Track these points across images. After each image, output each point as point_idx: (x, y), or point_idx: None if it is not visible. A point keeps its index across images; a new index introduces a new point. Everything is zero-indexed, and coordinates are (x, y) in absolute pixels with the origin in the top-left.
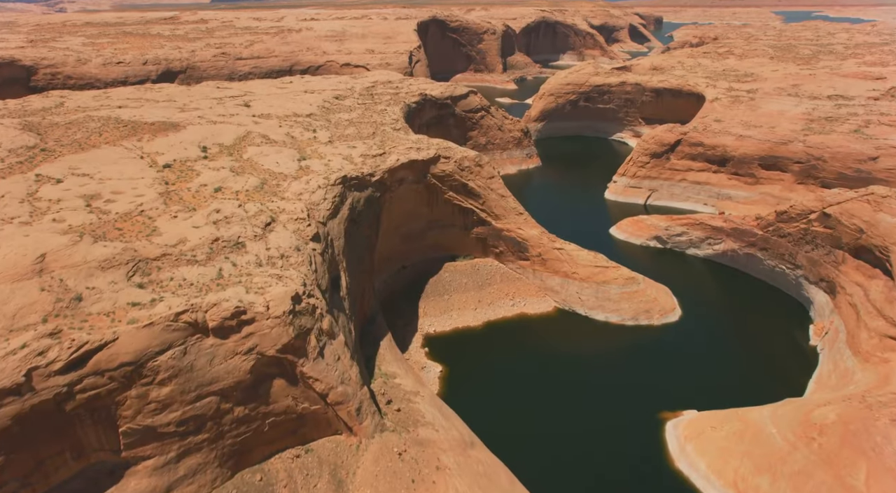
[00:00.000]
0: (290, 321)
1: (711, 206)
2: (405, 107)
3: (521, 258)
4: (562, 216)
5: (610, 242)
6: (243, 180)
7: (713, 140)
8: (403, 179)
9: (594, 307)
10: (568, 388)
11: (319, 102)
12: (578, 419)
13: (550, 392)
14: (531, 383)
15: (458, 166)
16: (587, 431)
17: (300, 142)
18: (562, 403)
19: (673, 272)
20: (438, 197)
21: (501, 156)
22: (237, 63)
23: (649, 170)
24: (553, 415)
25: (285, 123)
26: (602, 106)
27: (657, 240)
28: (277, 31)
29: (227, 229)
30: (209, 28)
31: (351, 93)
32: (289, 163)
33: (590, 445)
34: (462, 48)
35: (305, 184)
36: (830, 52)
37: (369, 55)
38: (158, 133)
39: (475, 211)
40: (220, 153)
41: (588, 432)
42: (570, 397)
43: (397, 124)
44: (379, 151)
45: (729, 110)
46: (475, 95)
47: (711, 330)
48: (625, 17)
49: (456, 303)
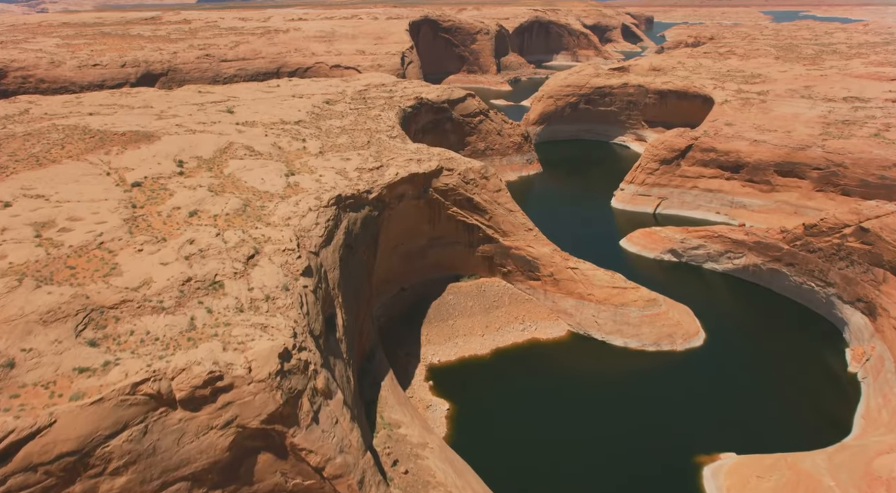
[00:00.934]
0: (277, 385)
1: (724, 214)
2: (400, 112)
3: (532, 278)
4: (567, 227)
5: (620, 256)
6: (223, 202)
7: (726, 145)
8: (403, 195)
9: (612, 332)
10: (588, 426)
11: (308, 108)
12: (603, 464)
13: (568, 432)
14: (546, 422)
15: (462, 179)
16: (614, 477)
17: (288, 153)
18: (582, 444)
19: (691, 289)
20: (441, 213)
21: (501, 162)
22: (222, 65)
23: (658, 177)
24: (573, 459)
25: (272, 132)
26: (603, 108)
27: (672, 253)
28: (264, 32)
29: (202, 266)
30: (192, 29)
31: (342, 97)
32: (275, 179)
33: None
34: (455, 49)
35: (294, 206)
36: (834, 51)
37: (360, 56)
38: (129, 145)
39: (481, 227)
40: (197, 168)
41: (615, 478)
42: (593, 437)
43: (393, 132)
44: (375, 163)
45: (740, 113)
46: (473, 98)
47: (739, 355)
48: (617, 16)
49: (461, 329)
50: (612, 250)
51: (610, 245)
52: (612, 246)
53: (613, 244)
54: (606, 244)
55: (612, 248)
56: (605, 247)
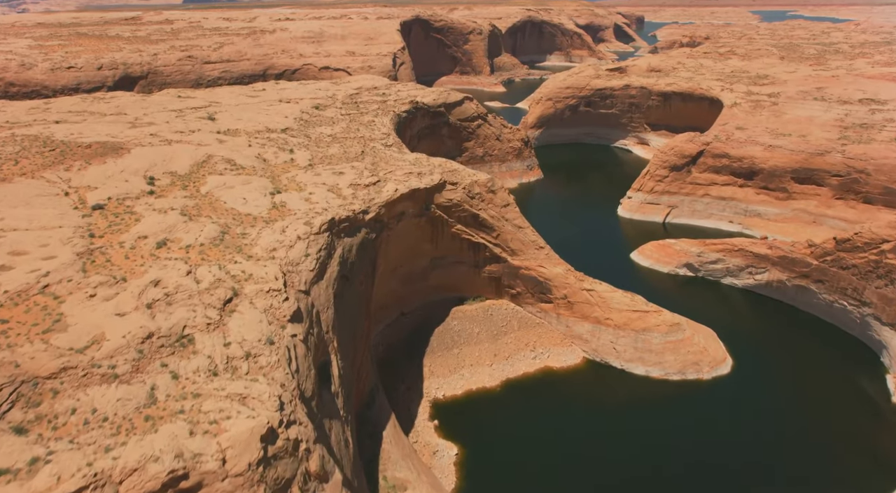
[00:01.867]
0: (259, 477)
1: (738, 223)
2: (395, 117)
3: (543, 301)
4: (572, 238)
5: (632, 270)
6: (198, 228)
7: (739, 151)
8: (403, 214)
9: (632, 359)
10: (612, 468)
11: (296, 114)
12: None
13: (590, 474)
14: (565, 464)
15: (467, 194)
16: None
17: (274, 167)
18: (607, 491)
19: (710, 307)
20: (444, 231)
21: (500, 168)
22: (205, 67)
23: (668, 184)
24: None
25: (256, 142)
26: (604, 111)
27: (688, 268)
28: (249, 33)
29: (168, 316)
30: (174, 29)
31: (332, 101)
32: (259, 199)
33: None
34: (447, 49)
35: (281, 234)
36: (837, 51)
37: (350, 58)
38: (95, 159)
39: (487, 246)
40: (171, 186)
41: None
42: (619, 481)
43: (389, 140)
44: (371, 178)
45: (751, 117)
46: (470, 101)
47: (770, 385)
48: (609, 16)
49: (467, 358)
50: (623, 264)
51: (620, 258)
52: (622, 259)
53: (623, 257)
54: (616, 257)
55: (623, 261)
56: (615, 260)
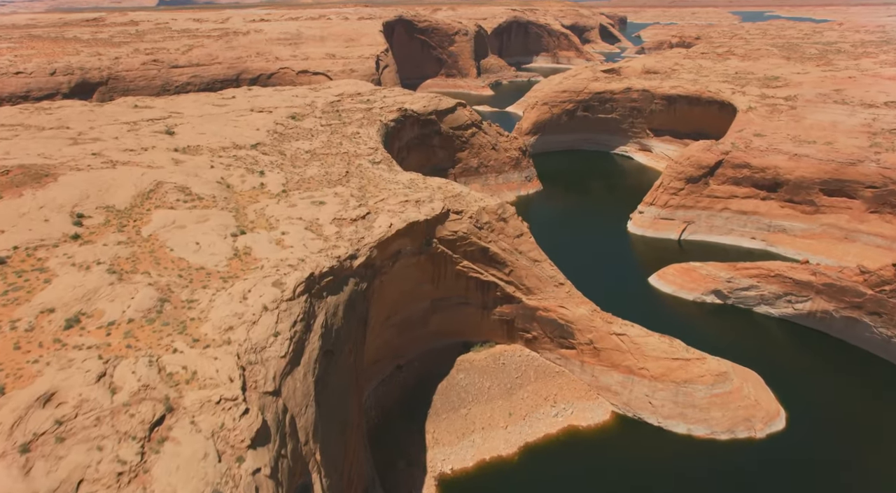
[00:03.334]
0: None
1: (761, 240)
2: (382, 127)
3: (564, 346)
4: (580, 259)
5: (652, 297)
6: (128, 294)
7: (762, 161)
8: (399, 253)
9: (672, 416)
10: None
11: (270, 125)
12: None
13: None
14: None
15: (474, 224)
16: None
17: (239, 195)
18: None
19: (746, 342)
20: (447, 269)
21: (497, 180)
22: (172, 72)
23: (684, 198)
24: None
25: (220, 161)
26: (603, 116)
27: (716, 295)
28: (221, 34)
29: (54, 467)
30: (140, 31)
31: (311, 110)
32: (216, 243)
33: None
34: (432, 51)
35: (241, 301)
36: (839, 51)
37: (330, 61)
38: (9, 190)
39: (499, 284)
40: (104, 226)
41: None
42: None
43: (377, 155)
44: (359, 208)
45: (769, 122)
46: (464, 107)
47: (834, 443)
48: (594, 16)
49: (478, 419)
50: (641, 290)
51: (636, 283)
52: (639, 285)
53: (640, 282)
54: (632, 282)
55: (641, 287)
56: (632, 285)
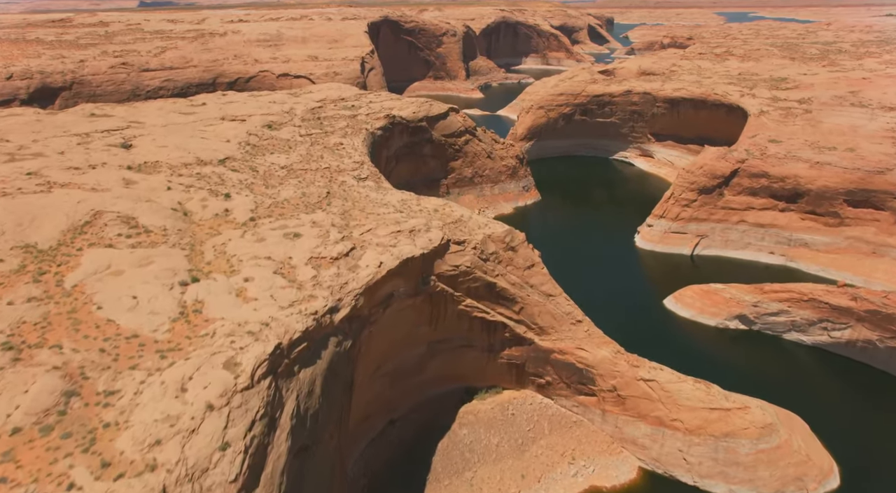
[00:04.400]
0: None
1: (780, 255)
2: (368, 136)
3: (583, 393)
4: (586, 278)
5: (668, 322)
6: (20, 385)
7: (781, 169)
8: (391, 296)
9: (711, 475)
10: None
11: (242, 136)
12: None
13: None
14: None
15: (478, 255)
16: None
17: (197, 226)
18: None
19: (778, 375)
20: (447, 309)
21: (492, 191)
22: (143, 76)
23: (696, 210)
24: None
25: (179, 181)
26: (602, 120)
27: (740, 320)
28: (197, 36)
29: None
30: (109, 32)
31: (290, 118)
32: (159, 298)
33: None
34: (419, 53)
35: (177, 397)
36: (840, 51)
37: (312, 63)
38: None
39: (507, 324)
40: (16, 275)
41: None
42: None
43: (363, 170)
44: (342, 242)
45: (784, 127)
46: (456, 113)
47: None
48: (582, 17)
49: (485, 485)
50: (656, 314)
51: (650, 306)
52: (653, 307)
53: (655, 305)
54: (645, 305)
55: (655, 310)
56: (645, 309)
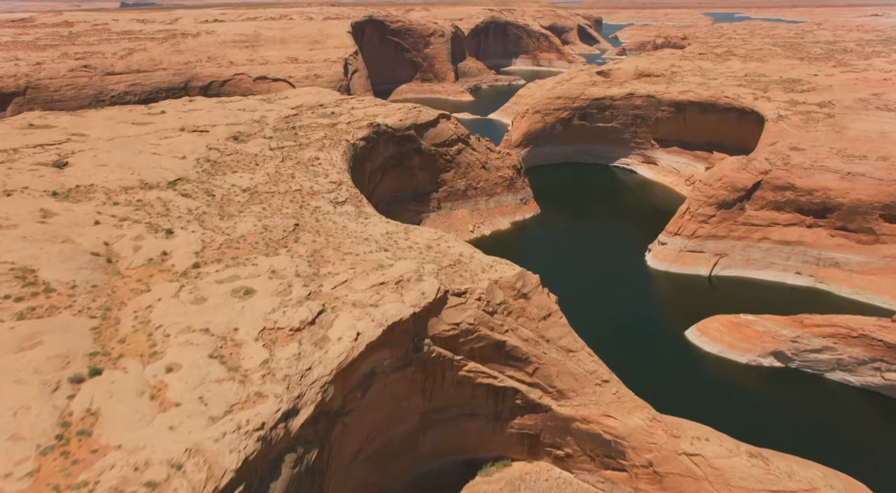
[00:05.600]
0: None
1: (808, 276)
2: (349, 149)
3: (611, 467)
4: (593, 305)
5: (690, 357)
6: None
7: (808, 181)
8: (373, 372)
9: None
10: None
11: (201, 151)
12: None
13: None
14: None
15: (483, 308)
16: None
17: (121, 279)
18: None
19: (827, 424)
20: (445, 377)
21: (488, 204)
22: (107, 80)
23: (715, 226)
24: None
25: (112, 212)
26: (602, 125)
27: (776, 357)
28: (168, 37)
29: None
30: (73, 33)
31: (260, 128)
32: (34, 407)
33: None
34: (406, 54)
35: None
36: (845, 50)
37: (292, 65)
38: None
39: (518, 390)
40: None
41: None
42: None
43: (340, 192)
44: (307, 303)
45: (806, 133)
46: (448, 119)
47: None
48: (572, 17)
49: None
50: (677, 348)
51: (669, 338)
52: (673, 340)
53: (674, 337)
54: (663, 336)
55: (675, 343)
56: (663, 342)
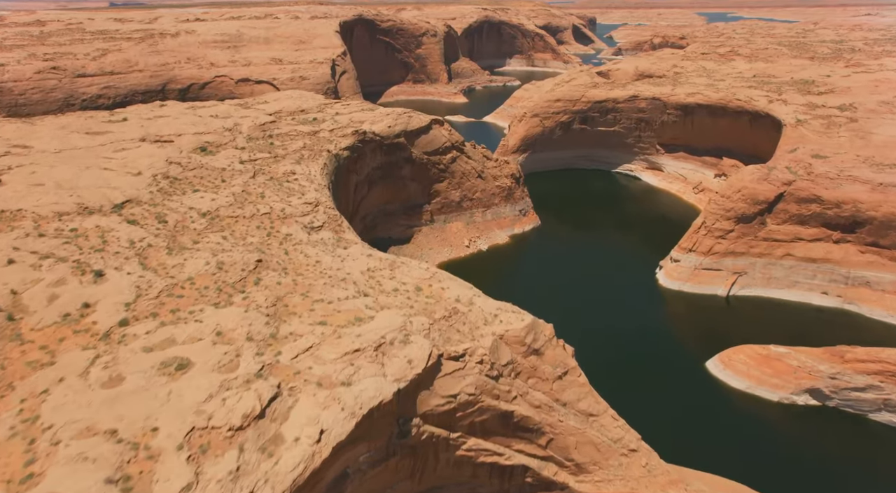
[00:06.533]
0: None
1: (836, 296)
2: (331, 160)
3: None
4: (600, 330)
5: (714, 392)
6: None
7: (836, 193)
8: (345, 476)
9: None
10: None
11: (160, 165)
12: None
13: None
14: None
15: (486, 373)
16: None
17: (14, 348)
18: None
19: (878, 479)
20: (439, 458)
21: (484, 216)
22: (78, 83)
23: (733, 242)
24: None
25: (34, 246)
26: (604, 129)
27: (812, 394)
28: (145, 36)
29: None
30: (45, 33)
31: (233, 137)
32: None
33: None
34: (397, 54)
35: None
36: (853, 50)
37: (276, 67)
38: None
39: (528, 467)
40: None
41: None
42: None
43: (317, 215)
44: (257, 383)
45: (828, 139)
46: (441, 125)
47: None
48: (566, 17)
49: None
50: (698, 382)
51: (688, 369)
52: (692, 372)
53: (693, 367)
54: (681, 367)
55: (696, 376)
56: (682, 374)
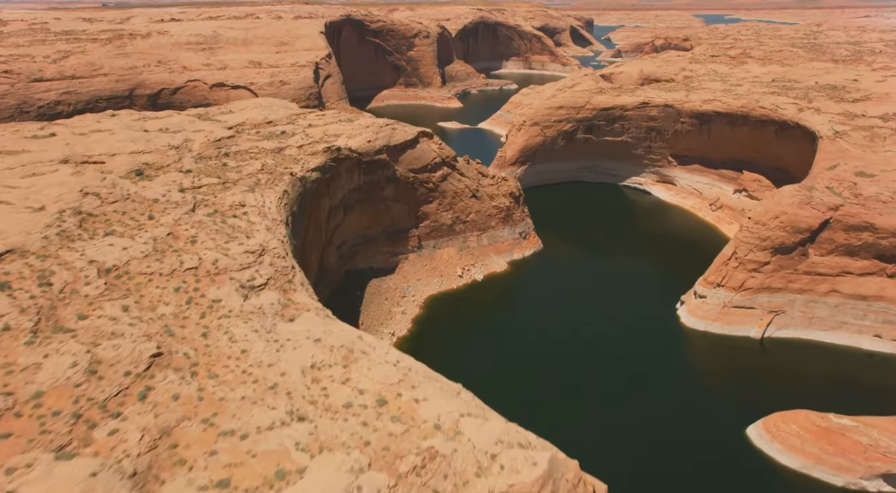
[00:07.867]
0: None
1: (891, 339)
2: (295, 185)
3: None
4: (614, 385)
5: (756, 470)
6: None
7: (892, 220)
8: None
9: None
10: None
11: (72, 196)
12: None
13: None
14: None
15: None
16: None
17: None
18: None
19: None
20: None
21: (480, 241)
22: (33, 88)
23: (769, 276)
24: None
25: None
26: (611, 138)
27: (886, 480)
28: (113, 37)
29: None
30: (3, 33)
31: (179, 156)
32: None
33: None
34: (388, 57)
35: None
36: (873, 52)
37: (254, 71)
38: None
39: None
40: None
41: None
42: None
43: (260, 270)
44: None
45: (874, 154)
46: (430, 138)
47: None
48: (564, 18)
49: None
50: (738, 459)
51: (725, 439)
52: (731, 443)
53: (732, 435)
54: (717, 436)
55: (732, 446)
56: (718, 447)
